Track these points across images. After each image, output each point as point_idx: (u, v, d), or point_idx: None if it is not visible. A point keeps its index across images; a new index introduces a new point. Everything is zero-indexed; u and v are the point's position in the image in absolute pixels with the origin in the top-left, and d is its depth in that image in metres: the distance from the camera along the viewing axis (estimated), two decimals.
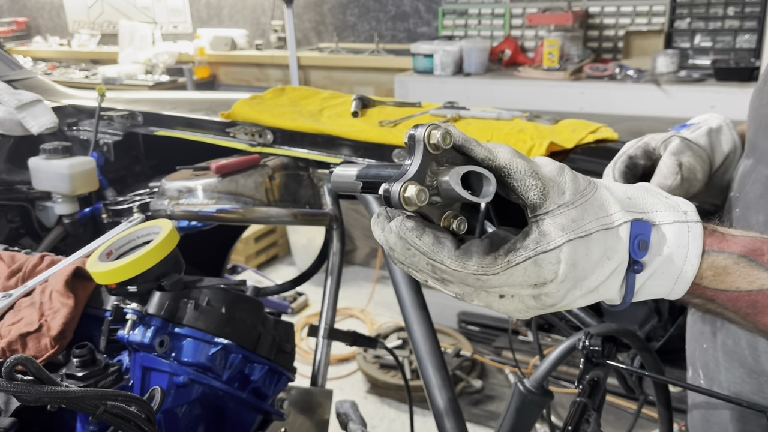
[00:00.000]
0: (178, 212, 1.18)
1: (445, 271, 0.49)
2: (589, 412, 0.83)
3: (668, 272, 0.54)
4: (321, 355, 1.19)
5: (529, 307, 0.52)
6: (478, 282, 0.49)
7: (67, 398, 0.63)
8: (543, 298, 0.50)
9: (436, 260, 0.49)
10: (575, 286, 0.51)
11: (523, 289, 0.49)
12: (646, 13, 3.40)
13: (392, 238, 0.50)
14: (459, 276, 0.49)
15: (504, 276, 0.48)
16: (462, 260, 0.48)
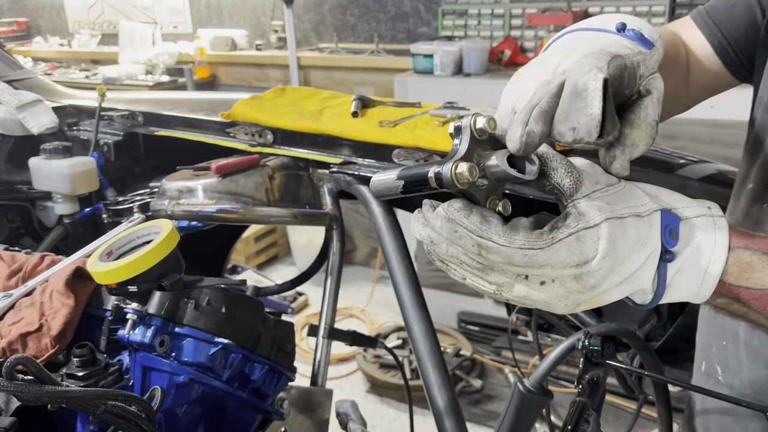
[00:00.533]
0: (179, 212, 1.18)
1: (491, 249, 0.50)
2: (588, 411, 0.83)
3: (697, 265, 0.55)
4: (321, 354, 1.19)
5: (571, 291, 0.52)
6: (524, 259, 0.50)
7: (67, 398, 0.64)
8: (585, 278, 0.51)
9: (484, 236, 0.50)
10: (614, 269, 0.52)
11: (566, 269, 0.51)
12: (645, 14, 3.40)
13: (438, 223, 0.52)
14: (506, 253, 0.50)
15: (549, 252, 0.49)
16: (509, 235, 0.50)
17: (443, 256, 0.54)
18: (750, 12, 0.85)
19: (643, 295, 0.56)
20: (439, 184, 0.51)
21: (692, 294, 0.56)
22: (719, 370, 0.85)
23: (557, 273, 0.51)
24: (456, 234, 0.52)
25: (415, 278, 1.15)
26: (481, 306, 3.42)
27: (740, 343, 0.79)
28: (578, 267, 0.51)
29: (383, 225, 1.20)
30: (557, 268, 0.51)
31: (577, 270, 0.51)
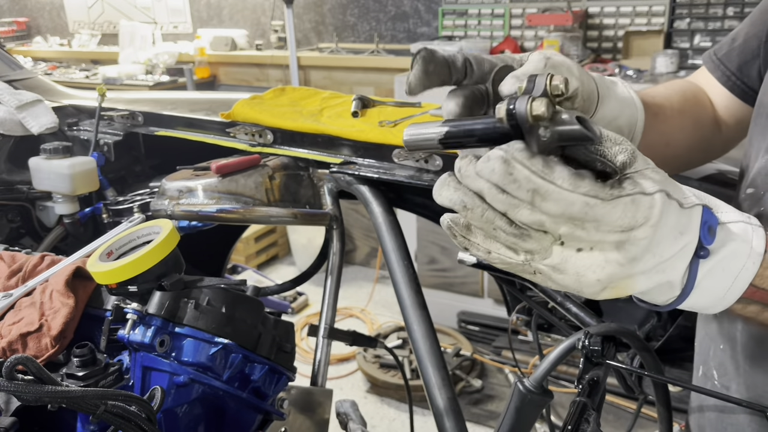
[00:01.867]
0: (179, 212, 1.18)
1: (549, 195, 0.48)
2: (588, 411, 0.83)
3: (728, 269, 0.54)
4: (321, 354, 1.19)
5: (609, 260, 0.50)
6: (584, 208, 0.48)
7: (67, 398, 0.64)
8: (627, 247, 0.50)
9: (546, 178, 0.48)
10: (651, 248, 0.51)
11: (612, 233, 0.49)
12: (645, 14, 3.41)
13: (488, 168, 0.49)
14: (567, 200, 0.48)
15: (608, 206, 0.48)
16: (575, 180, 0.48)
17: (476, 222, 0.51)
18: (749, 40, 0.88)
19: (669, 290, 0.55)
20: (509, 118, 0.49)
21: (717, 298, 0.55)
22: (716, 374, 0.85)
23: (601, 237, 0.50)
24: (510, 178, 0.48)
25: (415, 278, 1.15)
26: (481, 306, 3.42)
27: (737, 347, 0.79)
28: (624, 233, 0.49)
29: (383, 225, 1.20)
30: (605, 229, 0.49)
31: (622, 236, 0.50)
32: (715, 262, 0.54)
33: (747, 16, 0.92)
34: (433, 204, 1.45)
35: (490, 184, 0.49)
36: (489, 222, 0.51)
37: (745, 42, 0.89)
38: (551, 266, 0.52)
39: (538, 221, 0.49)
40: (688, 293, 0.54)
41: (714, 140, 0.94)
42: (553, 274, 0.52)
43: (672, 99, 0.89)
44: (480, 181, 0.50)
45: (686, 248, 0.53)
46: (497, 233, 0.51)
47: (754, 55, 0.88)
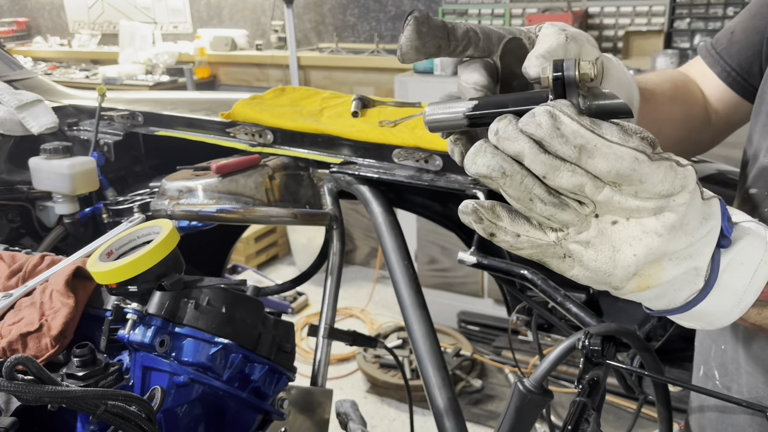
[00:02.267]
0: (179, 212, 1.18)
1: (597, 150, 0.46)
2: (588, 411, 0.83)
3: (747, 261, 0.53)
4: (321, 354, 1.20)
5: (647, 230, 0.49)
6: (633, 164, 0.46)
7: (67, 398, 0.64)
8: (666, 215, 0.49)
9: (596, 132, 0.46)
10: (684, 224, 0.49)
11: (651, 199, 0.48)
12: (645, 14, 3.41)
13: (534, 122, 0.47)
14: (616, 154, 0.46)
15: (653, 166, 0.47)
16: (624, 136, 0.47)
17: (513, 190, 0.48)
18: (749, 35, 0.87)
19: (694, 280, 0.52)
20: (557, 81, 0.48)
21: (736, 298, 0.54)
22: (717, 374, 0.85)
23: (640, 203, 0.48)
24: (558, 132, 0.46)
25: (415, 278, 1.15)
26: (481, 306, 3.43)
27: (739, 347, 0.79)
28: (663, 198, 0.48)
29: (383, 225, 1.20)
30: (645, 194, 0.48)
31: (661, 202, 0.48)
32: (734, 255, 0.53)
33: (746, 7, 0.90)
34: (433, 204, 1.46)
35: (531, 144, 0.47)
36: (527, 190, 0.48)
37: (746, 37, 0.87)
38: (585, 242, 0.50)
39: (579, 184, 0.48)
40: (712, 284, 0.53)
41: (703, 133, 0.93)
42: (586, 253, 0.50)
43: (663, 87, 0.87)
44: (521, 140, 0.47)
45: (711, 233, 0.52)
46: (533, 204, 0.49)
47: (755, 50, 0.86)
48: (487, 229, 0.51)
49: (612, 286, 0.52)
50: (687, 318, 0.56)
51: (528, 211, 0.50)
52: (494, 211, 0.51)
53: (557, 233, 0.50)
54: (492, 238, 0.51)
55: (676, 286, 0.53)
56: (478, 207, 0.50)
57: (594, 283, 0.52)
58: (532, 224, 0.51)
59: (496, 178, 0.48)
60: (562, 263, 0.51)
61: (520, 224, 0.51)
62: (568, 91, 0.49)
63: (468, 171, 0.49)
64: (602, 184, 0.48)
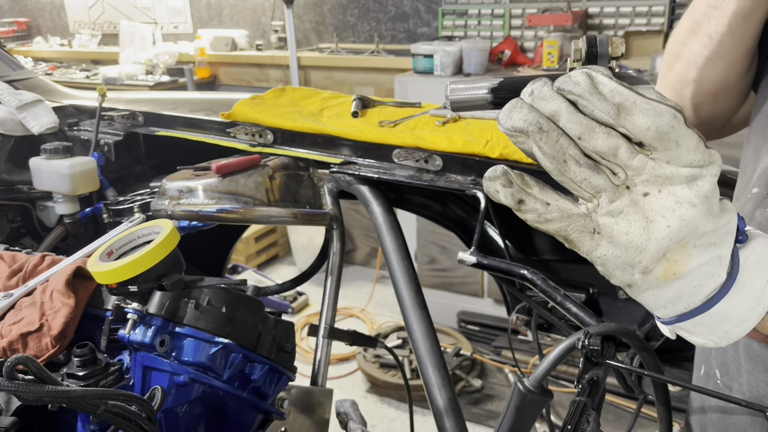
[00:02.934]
0: (179, 212, 1.19)
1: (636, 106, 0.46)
2: (588, 411, 0.83)
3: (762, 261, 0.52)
4: (321, 354, 1.20)
5: (680, 200, 0.48)
6: (672, 121, 0.45)
7: (67, 398, 0.64)
8: (699, 183, 0.47)
9: (633, 90, 0.46)
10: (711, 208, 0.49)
11: (684, 168, 0.47)
12: (645, 14, 3.41)
13: (571, 81, 0.46)
14: (657, 110, 0.45)
15: (689, 131, 0.46)
16: (661, 96, 0.46)
17: (549, 147, 0.47)
18: None
19: (718, 267, 0.51)
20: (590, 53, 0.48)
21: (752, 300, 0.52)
22: (718, 373, 0.85)
23: (673, 170, 0.47)
24: (595, 90, 0.45)
25: (415, 278, 1.15)
26: (481, 306, 3.43)
27: (739, 346, 0.79)
28: (696, 168, 0.47)
29: (383, 225, 1.20)
30: (679, 160, 0.47)
31: (694, 170, 0.47)
32: (749, 253, 0.52)
33: None
34: (433, 204, 1.46)
35: (567, 104, 0.46)
36: (562, 150, 0.47)
37: None
38: (618, 212, 0.48)
39: (614, 146, 0.46)
40: (735, 276, 0.51)
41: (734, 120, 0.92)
42: (617, 226, 0.48)
43: None
44: (557, 100, 0.47)
45: (731, 223, 0.51)
46: (567, 166, 0.47)
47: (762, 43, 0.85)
48: (516, 195, 0.49)
49: (641, 267, 0.49)
50: (703, 327, 0.54)
51: (560, 174, 0.48)
52: (523, 177, 0.49)
53: (588, 204, 0.49)
54: (520, 205, 0.49)
55: (698, 279, 0.51)
56: (508, 170, 0.49)
57: (621, 267, 0.50)
58: (562, 194, 0.49)
59: (533, 133, 0.47)
60: (591, 240, 0.50)
61: (549, 192, 0.49)
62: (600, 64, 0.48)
63: (502, 126, 0.48)
64: (636, 150, 0.47)
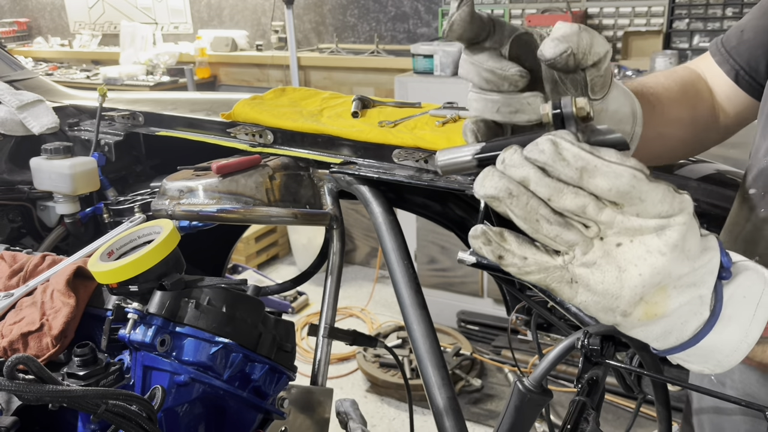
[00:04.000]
0: (179, 212, 1.19)
1: (597, 170, 0.48)
2: (588, 410, 0.84)
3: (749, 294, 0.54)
4: (321, 354, 1.20)
5: (650, 250, 0.50)
6: (632, 182, 0.48)
7: (68, 397, 0.64)
8: (668, 233, 0.50)
9: (595, 153, 0.49)
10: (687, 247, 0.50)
11: (652, 219, 0.50)
12: (644, 14, 3.41)
13: (537, 149, 0.49)
14: (615, 172, 0.48)
15: (652, 185, 0.49)
16: (621, 157, 0.49)
17: (520, 210, 0.50)
18: (759, 34, 0.87)
19: (699, 309, 0.53)
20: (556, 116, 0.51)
21: (742, 331, 0.54)
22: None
23: (642, 222, 0.49)
24: (560, 156, 0.49)
25: (415, 278, 1.15)
26: (481, 306, 3.43)
27: None
28: (663, 218, 0.50)
29: (383, 225, 1.20)
30: (646, 213, 0.49)
31: (662, 221, 0.50)
32: (735, 288, 0.54)
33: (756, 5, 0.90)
34: (433, 204, 1.46)
35: (535, 169, 0.50)
36: (533, 211, 0.50)
37: (755, 35, 0.87)
38: (591, 263, 0.51)
39: (582, 205, 0.49)
40: (718, 314, 0.53)
41: (710, 131, 0.93)
42: (593, 276, 0.51)
43: (671, 90, 0.88)
44: (526, 167, 0.50)
45: (712, 262, 0.53)
46: (540, 225, 0.50)
47: (764, 49, 0.86)
48: (496, 252, 0.52)
49: (620, 311, 0.52)
50: (696, 357, 0.56)
51: (534, 232, 0.51)
52: (502, 235, 0.52)
53: (563, 257, 0.51)
54: (500, 261, 0.52)
55: (682, 317, 0.53)
56: (486, 230, 0.52)
57: (602, 311, 0.52)
58: (539, 249, 0.52)
59: (503, 199, 0.50)
60: (569, 289, 0.52)
61: (527, 247, 0.52)
62: (567, 125, 0.52)
63: (477, 193, 0.52)
64: (604, 205, 0.50)
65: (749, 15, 0.91)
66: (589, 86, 0.63)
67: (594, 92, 0.63)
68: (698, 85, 0.93)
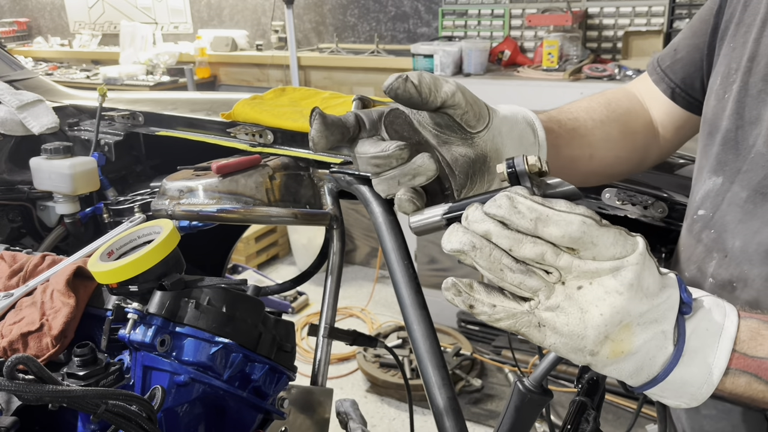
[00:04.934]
0: (179, 212, 1.19)
1: (550, 219, 0.52)
2: (588, 410, 0.84)
3: (712, 328, 0.56)
4: (321, 354, 1.20)
5: (608, 290, 0.53)
6: (582, 228, 0.52)
7: (68, 397, 0.64)
8: (623, 273, 0.53)
9: (546, 204, 0.53)
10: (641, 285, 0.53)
11: (606, 261, 0.53)
12: (645, 14, 3.41)
13: (495, 204, 0.54)
14: (566, 220, 0.52)
15: (602, 230, 0.52)
16: (571, 205, 0.53)
17: (484, 261, 0.54)
18: (691, 52, 0.90)
19: (663, 345, 0.55)
20: (511, 174, 0.56)
21: (707, 365, 0.56)
22: None
23: (597, 265, 0.53)
24: (515, 209, 0.53)
25: (415, 278, 1.15)
26: None
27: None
28: (617, 260, 0.53)
29: (383, 225, 1.20)
30: (600, 256, 0.53)
31: (616, 263, 0.53)
32: (697, 322, 0.56)
33: (687, 24, 0.94)
34: None
35: (495, 223, 0.54)
36: (496, 261, 0.54)
37: (687, 54, 0.91)
38: (555, 307, 0.54)
39: (540, 252, 0.53)
40: (682, 347, 0.55)
41: (650, 147, 0.96)
42: (558, 319, 0.54)
43: (594, 111, 0.91)
44: (487, 221, 0.54)
45: (671, 298, 0.55)
46: (504, 274, 0.54)
47: (697, 67, 0.89)
48: (466, 301, 0.56)
49: (588, 351, 0.54)
50: (670, 392, 0.58)
51: (500, 281, 0.55)
52: (471, 285, 0.57)
53: (529, 303, 0.55)
54: (471, 310, 0.56)
55: (650, 352, 0.55)
56: (456, 281, 0.56)
57: (572, 351, 0.55)
58: (506, 296, 0.56)
59: (468, 252, 0.55)
60: (538, 333, 0.56)
61: (495, 296, 0.56)
62: (522, 182, 0.57)
63: (444, 248, 0.57)
64: (562, 252, 0.53)
65: (681, 34, 0.94)
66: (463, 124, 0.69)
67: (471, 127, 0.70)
68: (628, 103, 0.96)
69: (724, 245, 0.75)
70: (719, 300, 0.59)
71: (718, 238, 0.76)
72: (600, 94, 0.97)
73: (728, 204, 0.76)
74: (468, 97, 0.70)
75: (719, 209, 0.77)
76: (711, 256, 0.77)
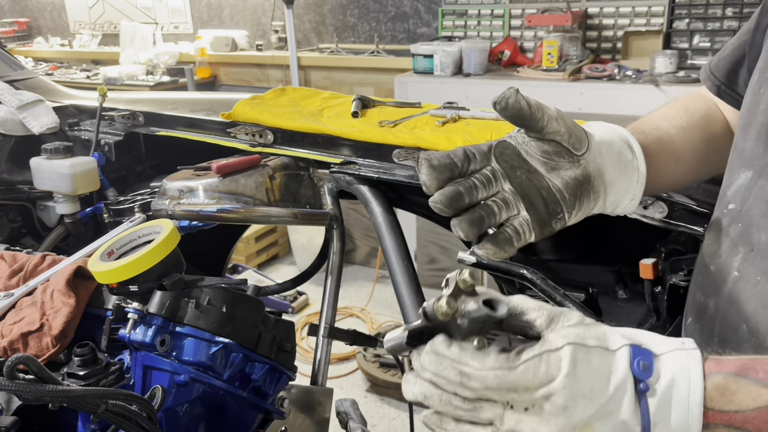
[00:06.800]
0: (179, 212, 1.19)
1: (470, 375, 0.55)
2: None
3: (677, 396, 0.56)
4: (321, 353, 1.20)
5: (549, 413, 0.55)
6: (497, 380, 0.54)
7: (68, 397, 0.64)
8: (553, 399, 0.54)
9: (462, 361, 0.55)
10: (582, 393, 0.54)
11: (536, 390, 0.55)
12: (644, 14, 3.41)
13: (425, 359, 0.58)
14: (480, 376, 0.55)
15: (517, 372, 0.54)
16: (482, 359, 0.55)
17: (439, 406, 0.58)
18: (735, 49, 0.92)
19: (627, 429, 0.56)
20: (424, 314, 0.60)
21: (684, 423, 0.56)
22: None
23: (530, 395, 0.55)
24: (441, 366, 0.57)
25: (415, 278, 1.15)
26: None
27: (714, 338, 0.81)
28: (545, 387, 0.55)
29: (383, 225, 1.20)
30: (529, 389, 0.55)
31: (545, 390, 0.55)
32: (661, 395, 0.56)
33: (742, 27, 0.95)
34: None
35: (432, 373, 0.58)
36: (448, 403, 0.58)
37: (731, 52, 0.92)
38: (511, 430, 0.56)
39: (479, 395, 0.56)
40: (648, 427, 0.56)
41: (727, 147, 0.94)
42: None
43: (674, 118, 0.92)
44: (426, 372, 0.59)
45: (623, 386, 0.55)
46: (458, 413, 0.58)
47: (740, 64, 0.91)
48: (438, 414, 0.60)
49: None
50: None
51: (459, 419, 0.58)
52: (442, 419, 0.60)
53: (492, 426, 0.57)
54: None
55: None
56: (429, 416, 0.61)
57: None
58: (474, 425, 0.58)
59: (422, 401, 0.60)
60: None
61: (462, 425, 0.59)
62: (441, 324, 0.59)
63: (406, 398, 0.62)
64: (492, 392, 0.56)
65: (731, 39, 0.96)
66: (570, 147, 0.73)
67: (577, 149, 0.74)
68: (704, 106, 0.96)
69: (750, 239, 0.75)
70: (683, 356, 0.58)
71: (744, 231, 0.76)
72: (676, 101, 0.98)
73: (755, 198, 0.75)
74: (568, 121, 0.73)
75: (746, 203, 0.76)
76: (737, 250, 0.76)
